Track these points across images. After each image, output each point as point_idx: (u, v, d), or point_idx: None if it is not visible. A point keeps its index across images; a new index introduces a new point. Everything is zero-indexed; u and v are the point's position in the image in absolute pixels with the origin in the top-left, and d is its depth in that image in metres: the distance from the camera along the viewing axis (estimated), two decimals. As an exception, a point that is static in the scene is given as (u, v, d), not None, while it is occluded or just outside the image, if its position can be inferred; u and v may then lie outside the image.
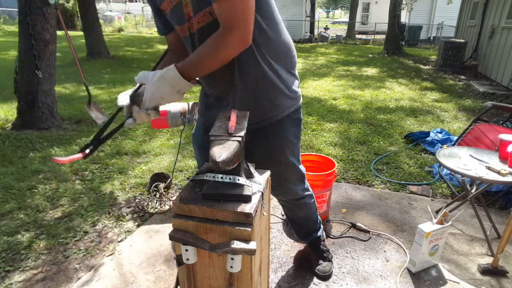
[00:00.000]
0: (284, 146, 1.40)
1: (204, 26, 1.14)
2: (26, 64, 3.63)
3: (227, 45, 1.04)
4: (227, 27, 1.01)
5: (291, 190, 1.57)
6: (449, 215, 1.80)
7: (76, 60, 3.73)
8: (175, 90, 1.09)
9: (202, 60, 1.07)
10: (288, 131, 1.39)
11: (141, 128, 4.02)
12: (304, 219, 1.77)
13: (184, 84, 1.08)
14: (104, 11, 21.83)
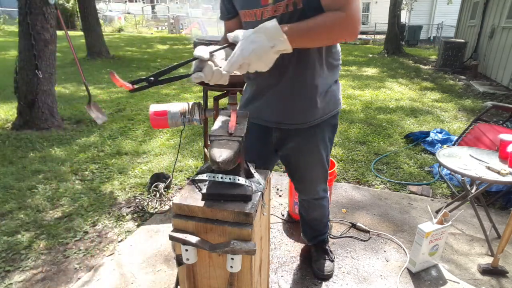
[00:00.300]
0: (321, 148, 1.44)
1: (278, 16, 1.14)
2: (26, 64, 3.63)
3: (344, 26, 1.05)
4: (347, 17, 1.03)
5: (314, 189, 1.62)
6: (449, 215, 1.80)
7: (76, 60, 3.73)
8: (270, 44, 1.00)
9: (312, 29, 1.04)
10: (325, 134, 1.43)
11: (141, 128, 4.02)
12: (317, 220, 1.81)
13: (282, 40, 1.01)
14: (104, 11, 21.83)
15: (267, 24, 1.00)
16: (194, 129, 3.97)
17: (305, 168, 1.52)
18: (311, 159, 1.47)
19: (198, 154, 3.32)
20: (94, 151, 3.36)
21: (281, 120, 1.36)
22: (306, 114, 1.33)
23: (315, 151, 1.44)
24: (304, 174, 1.55)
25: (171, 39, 15.31)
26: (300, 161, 1.48)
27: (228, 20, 1.37)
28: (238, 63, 1.02)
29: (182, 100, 5.39)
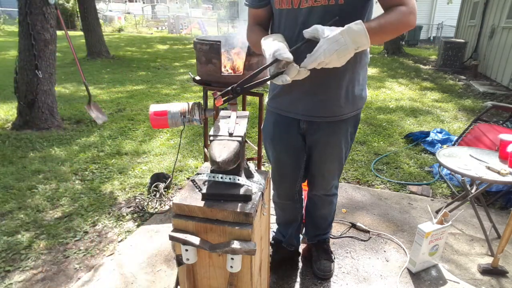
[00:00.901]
0: (343, 143, 1.47)
1: (318, 7, 1.16)
2: (26, 64, 3.63)
3: (410, 20, 1.11)
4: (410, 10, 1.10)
5: (328, 184, 1.64)
6: (449, 215, 1.80)
7: (76, 60, 3.73)
8: (354, 46, 1.03)
9: (385, 28, 1.09)
10: (349, 130, 1.46)
11: (141, 128, 4.02)
12: (323, 218, 1.81)
13: (366, 41, 1.04)
14: (104, 11, 21.83)
15: (353, 26, 1.02)
16: (194, 129, 3.97)
17: (325, 161, 1.54)
18: (332, 153, 1.50)
19: (198, 154, 3.32)
20: (94, 151, 3.36)
21: (310, 113, 1.38)
22: (334, 108, 1.36)
23: (337, 146, 1.47)
24: (322, 167, 1.57)
25: (171, 39, 15.31)
26: (322, 154, 1.51)
27: (258, 8, 1.34)
28: (318, 61, 1.04)
29: (182, 100, 5.39)
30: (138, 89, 5.94)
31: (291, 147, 1.52)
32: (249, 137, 3.72)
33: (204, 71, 2.03)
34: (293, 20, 1.24)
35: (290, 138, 1.50)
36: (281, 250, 1.89)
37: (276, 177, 1.69)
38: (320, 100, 1.35)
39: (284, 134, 1.50)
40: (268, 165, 3.16)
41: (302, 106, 1.39)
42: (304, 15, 1.19)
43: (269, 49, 1.12)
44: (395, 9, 1.10)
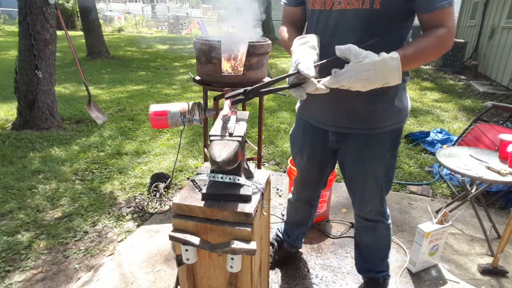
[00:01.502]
0: (376, 161, 1.33)
1: (350, 10, 1.09)
2: (26, 64, 3.63)
3: (448, 43, 1.05)
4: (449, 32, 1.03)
5: (364, 206, 1.48)
6: (449, 215, 1.80)
7: (76, 60, 3.73)
8: (383, 81, 0.99)
9: (421, 56, 1.04)
10: (384, 148, 1.31)
11: (141, 128, 4.02)
12: (369, 249, 1.61)
13: (397, 78, 0.99)
14: (104, 11, 21.82)
15: (389, 61, 0.97)
16: (194, 129, 3.97)
17: (356, 179, 1.40)
18: (365, 171, 1.35)
19: (198, 154, 3.32)
20: (94, 151, 3.36)
21: (339, 124, 1.28)
22: (368, 120, 1.24)
23: (371, 163, 1.33)
24: (354, 185, 1.44)
25: (171, 39, 15.31)
26: (353, 171, 1.39)
27: (295, 6, 1.30)
28: (340, 84, 1.00)
29: (182, 100, 5.39)
30: (138, 89, 5.94)
31: (318, 157, 1.45)
32: (249, 137, 3.72)
33: (204, 71, 2.03)
34: (325, 22, 1.17)
35: (318, 149, 1.42)
36: (282, 250, 1.87)
37: (299, 183, 1.66)
38: (351, 110, 1.24)
39: (312, 144, 1.42)
40: (268, 165, 3.16)
41: (331, 116, 1.29)
42: (335, 18, 1.13)
43: (295, 55, 1.07)
44: (435, 32, 1.03)
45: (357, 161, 1.34)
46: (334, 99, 1.22)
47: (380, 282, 1.64)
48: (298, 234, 1.83)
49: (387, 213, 1.53)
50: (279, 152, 3.42)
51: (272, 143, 3.63)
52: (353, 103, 1.22)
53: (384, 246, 1.60)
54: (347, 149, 1.35)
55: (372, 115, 1.23)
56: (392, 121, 1.26)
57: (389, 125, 1.26)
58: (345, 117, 1.27)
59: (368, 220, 1.51)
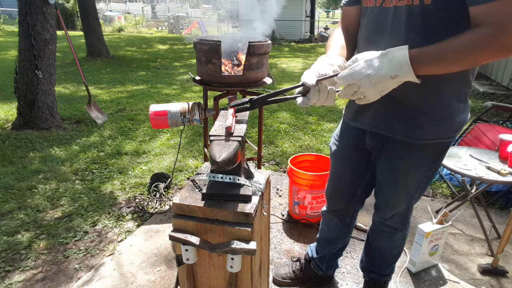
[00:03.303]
0: (415, 173, 1.23)
1: (402, 6, 1.00)
2: (26, 64, 3.63)
3: (496, 47, 0.85)
4: (498, 27, 0.83)
5: (387, 212, 1.40)
6: (449, 215, 1.81)
7: (76, 60, 3.73)
8: (390, 73, 0.89)
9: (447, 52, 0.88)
10: (426, 159, 1.20)
11: (141, 128, 4.02)
12: (380, 252, 1.56)
13: (406, 73, 0.89)
14: (104, 11, 21.83)
15: (396, 51, 0.90)
16: (194, 129, 3.98)
17: (387, 185, 1.32)
18: (397, 179, 1.26)
19: (198, 154, 3.32)
20: (94, 151, 3.36)
21: (377, 124, 1.20)
22: (410, 126, 1.13)
23: (405, 173, 1.23)
24: (382, 190, 1.36)
25: (171, 39, 15.32)
26: (384, 176, 1.31)
27: (351, 6, 1.22)
28: (346, 82, 0.94)
29: (182, 100, 5.39)
30: (138, 89, 5.94)
31: (352, 162, 1.38)
32: (249, 137, 3.72)
33: (204, 71, 2.03)
34: (375, 20, 1.09)
35: (354, 152, 1.35)
36: (308, 270, 1.75)
37: (329, 190, 1.54)
38: (394, 109, 1.13)
39: (347, 146, 1.36)
40: (268, 165, 3.16)
41: (370, 113, 1.20)
42: (386, 16, 1.04)
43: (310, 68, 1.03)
44: (475, 31, 0.87)
45: (391, 169, 1.25)
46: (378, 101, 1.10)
47: (381, 283, 1.63)
48: (326, 254, 1.68)
49: (409, 223, 1.47)
50: (279, 152, 3.42)
51: (272, 143, 3.63)
52: (399, 100, 1.11)
53: (396, 253, 1.56)
54: (383, 153, 1.26)
55: (419, 121, 1.11)
56: (442, 133, 1.13)
57: (435, 138, 1.14)
58: (386, 116, 1.16)
59: (389, 226, 1.45)
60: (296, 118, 4.47)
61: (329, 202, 1.59)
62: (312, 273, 1.74)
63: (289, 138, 3.77)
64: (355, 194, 1.48)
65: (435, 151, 1.18)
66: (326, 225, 1.65)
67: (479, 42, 0.86)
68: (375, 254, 1.58)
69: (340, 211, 1.55)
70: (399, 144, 1.18)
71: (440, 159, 1.22)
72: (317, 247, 1.73)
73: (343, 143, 1.38)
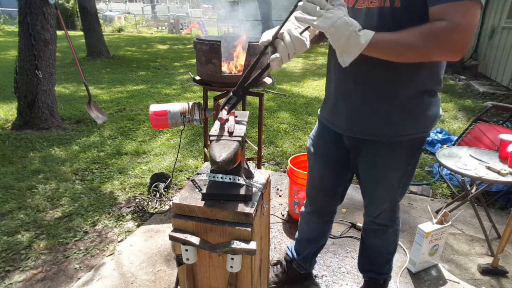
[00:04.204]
0: (394, 169, 1.27)
1: (374, 9, 1.03)
2: (26, 64, 3.63)
3: (448, 43, 0.88)
4: (453, 24, 0.86)
5: (374, 210, 1.44)
6: (449, 215, 1.81)
7: (76, 60, 3.73)
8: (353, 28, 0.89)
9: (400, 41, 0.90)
10: (404, 156, 1.24)
11: (141, 128, 4.02)
12: (375, 251, 1.58)
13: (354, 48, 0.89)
14: (104, 11, 21.83)
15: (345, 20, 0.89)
16: (194, 129, 3.97)
17: (369, 183, 1.36)
18: (378, 176, 1.30)
19: (198, 154, 3.32)
20: (94, 151, 3.36)
21: (353, 128, 1.22)
22: (384, 126, 1.16)
23: (386, 171, 1.27)
24: (367, 189, 1.40)
25: (171, 39, 15.31)
26: (366, 175, 1.34)
27: None
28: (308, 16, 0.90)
29: (182, 100, 5.39)
30: (138, 89, 5.94)
31: (332, 161, 1.40)
32: (249, 137, 3.72)
33: (204, 71, 2.03)
34: None
35: (333, 152, 1.37)
36: (291, 271, 1.75)
37: (310, 190, 1.56)
38: (367, 113, 1.16)
39: (326, 147, 1.38)
40: (268, 165, 3.16)
41: (345, 119, 1.23)
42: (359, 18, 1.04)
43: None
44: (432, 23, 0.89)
45: (372, 166, 1.29)
46: (349, 100, 1.18)
47: (380, 282, 1.63)
48: (308, 254, 1.70)
49: (398, 218, 1.50)
50: (279, 152, 3.42)
51: (272, 143, 3.63)
52: (370, 104, 1.15)
53: (390, 249, 1.57)
54: (361, 153, 1.29)
55: (391, 120, 1.15)
56: (415, 128, 1.17)
57: (410, 134, 1.17)
58: (360, 121, 1.19)
59: (378, 224, 1.47)
60: (296, 118, 4.47)
61: (310, 202, 1.60)
62: (295, 273, 1.75)
63: (289, 138, 3.77)
64: (336, 193, 1.52)
65: (412, 147, 1.22)
66: (306, 225, 1.67)
67: (434, 33, 0.88)
68: (370, 253, 1.60)
69: (321, 210, 1.58)
70: (376, 144, 1.21)
71: (418, 154, 1.27)
72: (298, 247, 1.75)
73: (323, 143, 1.40)
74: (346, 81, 1.18)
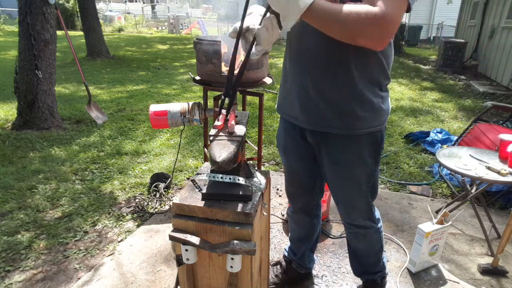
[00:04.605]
0: (357, 164, 1.26)
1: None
2: (26, 64, 3.63)
3: (370, 27, 0.89)
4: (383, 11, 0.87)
5: (349, 212, 1.41)
6: (449, 215, 1.80)
7: (76, 60, 3.73)
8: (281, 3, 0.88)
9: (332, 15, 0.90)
10: (366, 149, 1.24)
11: (141, 128, 4.02)
12: (361, 253, 1.56)
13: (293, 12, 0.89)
14: (104, 11, 21.82)
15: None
16: (194, 129, 3.97)
17: (336, 183, 1.34)
18: (344, 174, 1.29)
19: (198, 154, 3.32)
20: (94, 151, 3.36)
21: (312, 121, 1.22)
22: (341, 119, 1.17)
23: (349, 166, 1.26)
24: (336, 190, 1.37)
25: (171, 39, 15.32)
26: (332, 174, 1.32)
27: None
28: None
29: (182, 100, 5.39)
30: (138, 89, 5.94)
31: (303, 156, 1.38)
32: (249, 137, 3.72)
33: (204, 71, 2.03)
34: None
35: (301, 147, 1.36)
36: (291, 271, 1.74)
37: (289, 188, 1.55)
38: (323, 106, 1.17)
39: (294, 143, 1.37)
40: (268, 165, 3.15)
41: (304, 113, 1.23)
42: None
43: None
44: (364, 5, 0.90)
45: (335, 164, 1.28)
46: (305, 94, 1.19)
47: (378, 282, 1.62)
48: (305, 251, 1.70)
49: (376, 217, 1.47)
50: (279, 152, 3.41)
51: (272, 143, 3.63)
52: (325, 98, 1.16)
53: (377, 249, 1.54)
54: (324, 150, 1.28)
55: (348, 113, 1.16)
56: (371, 122, 1.19)
57: (369, 126, 1.19)
58: (318, 114, 1.19)
59: (357, 226, 1.44)
60: (296, 118, 4.47)
61: (292, 201, 1.60)
62: (295, 273, 1.75)
63: (289, 138, 3.76)
64: (314, 187, 1.50)
65: (372, 141, 1.23)
66: (296, 224, 1.66)
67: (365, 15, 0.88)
68: (359, 257, 1.58)
69: (305, 206, 1.56)
70: (337, 138, 1.22)
71: (380, 149, 1.27)
72: (293, 247, 1.75)
73: (290, 139, 1.39)
74: (302, 73, 1.19)
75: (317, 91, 1.16)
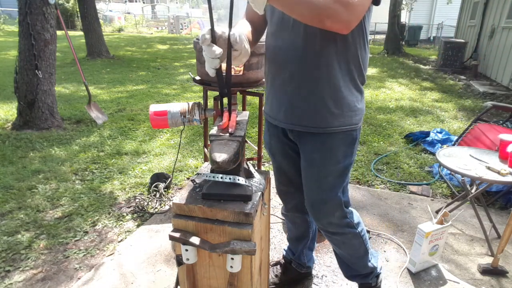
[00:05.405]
0: (330, 164, 1.25)
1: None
2: (26, 64, 3.63)
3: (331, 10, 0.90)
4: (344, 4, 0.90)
5: (319, 217, 1.36)
6: (449, 215, 1.80)
7: (76, 60, 3.73)
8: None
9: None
10: (341, 149, 1.24)
11: (141, 128, 4.02)
12: (346, 257, 1.52)
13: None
14: (104, 11, 21.82)
15: None
16: (194, 129, 3.98)
17: (306, 183, 1.32)
18: (314, 174, 1.28)
19: (198, 154, 3.32)
20: (94, 151, 3.36)
21: (290, 120, 1.24)
22: (318, 117, 1.19)
23: (321, 166, 1.25)
24: (308, 194, 1.34)
25: (171, 39, 15.31)
26: (304, 175, 1.31)
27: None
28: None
29: (182, 100, 5.39)
30: (138, 89, 5.94)
31: (288, 155, 1.39)
32: (249, 137, 3.72)
33: (204, 71, 2.02)
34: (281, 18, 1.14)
35: (285, 146, 1.36)
36: (290, 271, 1.73)
37: (280, 187, 1.54)
38: (301, 104, 1.19)
39: (279, 142, 1.37)
40: (268, 165, 3.15)
41: (283, 112, 1.25)
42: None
43: None
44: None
45: (310, 164, 1.27)
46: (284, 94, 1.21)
47: (373, 285, 1.57)
48: (302, 249, 1.69)
49: (354, 222, 1.41)
50: (279, 152, 3.41)
51: (272, 143, 3.63)
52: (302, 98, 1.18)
53: (362, 252, 1.47)
54: (301, 148, 1.29)
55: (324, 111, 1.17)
56: (347, 121, 1.20)
57: (344, 125, 1.20)
58: (295, 112, 1.21)
59: (333, 233, 1.39)
60: (296, 118, 4.47)
61: (284, 201, 1.59)
62: (295, 273, 1.74)
63: (289, 138, 3.76)
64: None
65: (346, 141, 1.23)
66: (292, 223, 1.65)
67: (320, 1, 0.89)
68: (346, 261, 1.54)
69: (298, 204, 1.53)
70: (313, 137, 1.23)
71: (353, 151, 1.27)
72: (291, 247, 1.74)
73: (276, 140, 1.39)
74: (281, 72, 1.20)
75: (293, 87, 1.18)
